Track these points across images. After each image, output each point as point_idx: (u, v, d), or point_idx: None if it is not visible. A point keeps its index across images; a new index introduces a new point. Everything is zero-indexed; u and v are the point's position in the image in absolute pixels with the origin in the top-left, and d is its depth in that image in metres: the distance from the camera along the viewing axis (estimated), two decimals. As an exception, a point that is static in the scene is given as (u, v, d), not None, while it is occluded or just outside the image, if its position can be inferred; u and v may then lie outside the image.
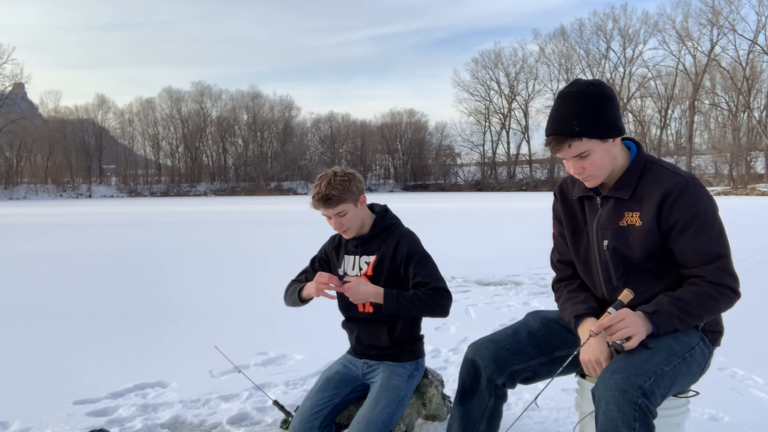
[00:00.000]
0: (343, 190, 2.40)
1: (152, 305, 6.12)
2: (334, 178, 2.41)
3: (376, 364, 2.52)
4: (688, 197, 1.88)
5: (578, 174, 1.97)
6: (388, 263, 2.45)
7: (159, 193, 71.85)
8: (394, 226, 2.54)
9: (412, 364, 2.53)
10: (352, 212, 2.45)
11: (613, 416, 1.67)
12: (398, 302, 2.32)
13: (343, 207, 2.41)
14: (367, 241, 2.52)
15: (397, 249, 2.44)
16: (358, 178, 2.48)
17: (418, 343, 2.58)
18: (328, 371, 2.60)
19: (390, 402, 2.35)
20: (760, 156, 54.15)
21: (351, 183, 2.43)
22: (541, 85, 71.69)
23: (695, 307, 1.86)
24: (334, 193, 2.39)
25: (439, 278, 2.41)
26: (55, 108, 76.03)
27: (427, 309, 2.35)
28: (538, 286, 6.94)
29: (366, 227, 2.52)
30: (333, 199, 2.39)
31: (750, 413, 3.04)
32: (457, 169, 76.89)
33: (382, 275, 2.44)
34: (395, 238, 2.48)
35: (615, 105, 1.93)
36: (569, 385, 2.86)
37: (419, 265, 2.41)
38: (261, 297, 6.28)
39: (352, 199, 2.44)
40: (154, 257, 10.53)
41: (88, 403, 3.32)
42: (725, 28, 55.94)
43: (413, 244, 2.47)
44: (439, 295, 2.35)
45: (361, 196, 2.48)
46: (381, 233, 2.51)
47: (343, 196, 2.40)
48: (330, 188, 2.39)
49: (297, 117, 78.22)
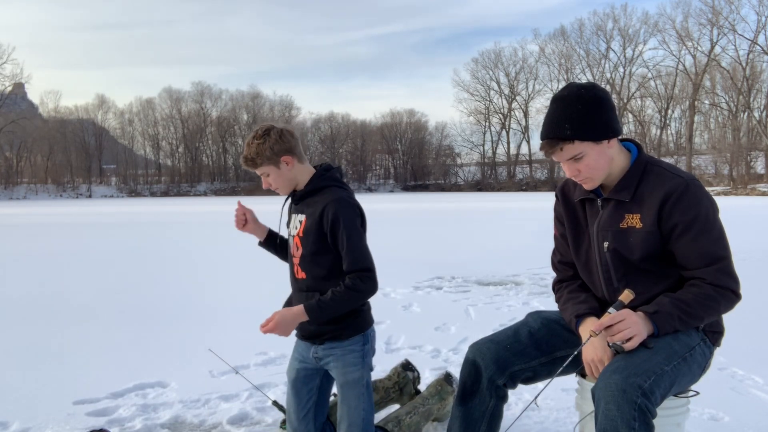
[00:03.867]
0: (257, 154, 2.27)
1: (152, 305, 6.12)
2: (252, 140, 2.29)
3: (324, 352, 2.35)
4: (689, 199, 1.88)
5: (574, 176, 1.98)
6: (314, 227, 2.28)
7: (159, 193, 71.87)
8: (326, 188, 2.33)
9: (358, 342, 2.32)
10: (274, 174, 2.31)
11: (612, 416, 1.67)
12: (321, 310, 2.22)
13: (263, 169, 2.30)
14: (299, 199, 2.37)
15: (323, 213, 2.25)
16: (278, 138, 2.28)
17: (360, 313, 2.36)
18: (290, 371, 2.49)
19: (358, 396, 2.28)
20: (760, 156, 54.15)
21: (266, 144, 2.26)
22: (541, 85, 71.81)
23: (696, 309, 1.86)
24: (249, 156, 2.28)
25: (358, 256, 2.23)
26: (55, 108, 76.21)
27: (353, 300, 2.25)
28: (538, 286, 6.94)
29: (301, 186, 2.37)
30: (249, 162, 2.30)
31: (750, 413, 3.04)
32: (457, 169, 76.92)
33: (310, 240, 2.30)
34: (323, 201, 2.27)
35: (608, 107, 1.93)
36: (569, 385, 2.86)
37: (341, 238, 2.23)
38: (261, 297, 6.28)
39: (271, 162, 2.28)
40: (153, 257, 10.53)
41: (88, 403, 3.33)
42: (725, 28, 56.01)
43: (340, 210, 2.24)
44: (359, 282, 2.21)
45: (283, 157, 2.28)
46: (312, 193, 2.34)
47: (257, 160, 2.27)
48: (248, 150, 2.29)
49: (297, 117, 78.39)
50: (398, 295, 6.43)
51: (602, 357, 1.88)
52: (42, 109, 78.14)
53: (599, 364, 1.88)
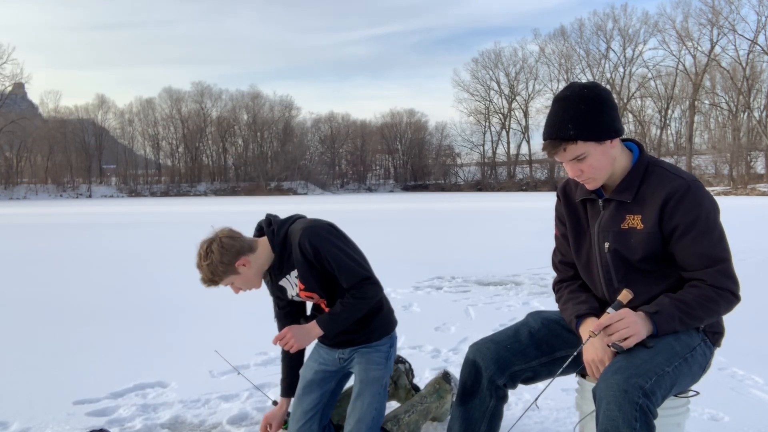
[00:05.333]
0: (213, 274, 2.24)
1: (152, 305, 6.12)
2: (200, 263, 2.26)
3: (351, 352, 2.43)
4: (690, 200, 1.88)
5: (577, 177, 1.97)
6: (309, 273, 2.32)
7: (159, 193, 71.85)
8: (286, 235, 2.34)
9: (386, 343, 2.43)
10: (239, 280, 2.30)
11: (614, 416, 1.67)
12: (334, 322, 2.30)
13: (227, 282, 2.30)
14: (279, 266, 2.39)
15: (302, 253, 2.28)
16: (219, 253, 2.23)
17: (385, 315, 2.45)
18: (307, 372, 2.52)
19: (375, 395, 2.32)
20: (760, 156, 54.14)
21: (212, 262, 2.22)
22: (541, 85, 71.81)
23: (696, 310, 1.86)
24: (207, 278, 2.26)
25: (351, 272, 2.28)
26: (55, 108, 76.17)
27: (361, 308, 2.32)
28: (538, 286, 6.94)
29: (270, 260, 2.37)
30: (210, 283, 2.28)
31: (750, 413, 3.04)
32: (457, 169, 76.93)
33: (315, 283, 2.35)
34: (293, 246, 2.30)
35: (611, 107, 1.93)
36: (569, 385, 2.86)
37: (330, 263, 2.27)
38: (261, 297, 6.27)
39: (230, 273, 2.27)
40: (154, 257, 10.53)
41: (88, 403, 3.32)
42: (725, 28, 56.00)
43: (313, 240, 2.26)
44: (363, 289, 2.29)
45: (238, 262, 2.26)
46: (282, 252, 2.35)
47: (215, 279, 2.26)
48: (203, 273, 2.26)
49: (297, 117, 78.46)
50: (398, 295, 6.43)
51: (603, 357, 1.88)
52: (42, 109, 78.22)
53: (600, 364, 1.88)
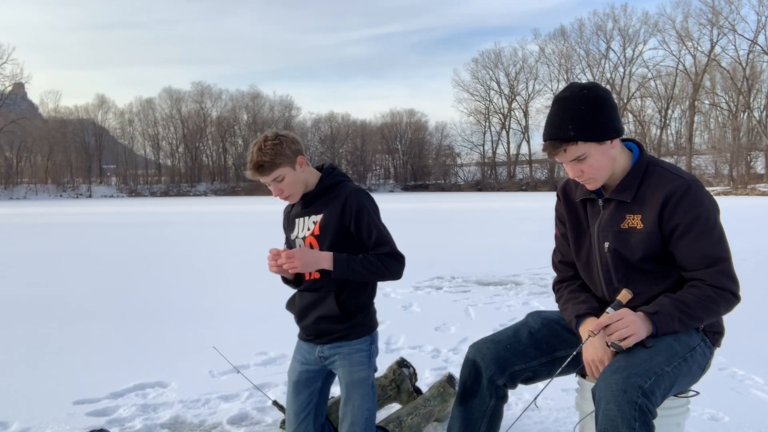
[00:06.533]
0: (276, 155, 2.25)
1: (152, 305, 6.12)
2: (264, 143, 2.27)
3: (331, 351, 2.35)
4: (690, 200, 1.88)
5: (577, 177, 1.97)
6: (335, 223, 2.29)
7: (159, 193, 71.87)
8: (341, 184, 2.37)
9: (366, 342, 2.34)
10: (290, 176, 2.30)
11: (613, 416, 1.67)
12: (348, 266, 2.22)
13: (278, 172, 2.28)
14: (312, 200, 2.37)
15: (345, 207, 2.28)
16: (291, 139, 2.32)
17: (369, 314, 2.39)
18: (292, 373, 2.48)
19: (364, 396, 2.29)
20: (760, 156, 54.16)
21: (283, 145, 2.27)
22: (541, 85, 71.80)
23: (696, 310, 1.86)
24: (266, 159, 2.25)
25: (390, 241, 2.29)
26: (55, 108, 76.25)
27: (379, 273, 2.25)
28: (538, 286, 6.95)
29: (311, 187, 2.38)
30: (266, 166, 2.26)
31: (750, 413, 3.04)
32: (457, 169, 76.90)
33: (329, 235, 2.31)
34: (343, 195, 2.31)
35: (611, 107, 1.93)
36: (569, 385, 2.86)
37: (370, 226, 2.27)
38: (261, 296, 6.28)
39: (288, 163, 2.28)
40: (153, 257, 10.53)
41: (88, 403, 3.33)
42: (725, 28, 56.02)
43: (362, 202, 2.29)
44: (391, 259, 2.26)
45: (299, 157, 2.31)
46: (327, 191, 2.36)
47: (276, 161, 2.26)
48: (261, 154, 2.25)
49: (297, 117, 78.50)
50: (398, 295, 6.43)
51: (602, 357, 1.88)
52: (42, 109, 78.26)
53: (599, 364, 1.88)
